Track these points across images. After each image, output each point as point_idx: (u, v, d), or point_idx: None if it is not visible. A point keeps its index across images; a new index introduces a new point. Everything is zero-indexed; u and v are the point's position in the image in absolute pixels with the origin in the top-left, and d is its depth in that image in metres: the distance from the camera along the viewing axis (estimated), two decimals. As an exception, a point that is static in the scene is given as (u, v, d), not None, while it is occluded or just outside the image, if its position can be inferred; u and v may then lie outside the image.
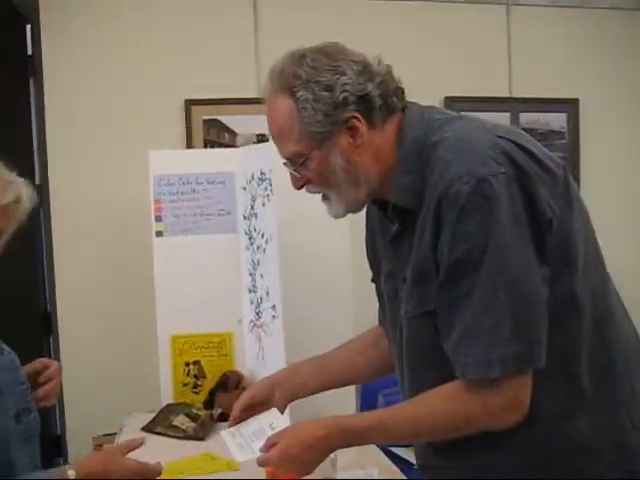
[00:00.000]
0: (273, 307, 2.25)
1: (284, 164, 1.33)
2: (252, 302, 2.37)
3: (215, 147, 2.99)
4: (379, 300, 1.48)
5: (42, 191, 3.05)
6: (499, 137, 1.18)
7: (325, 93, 1.21)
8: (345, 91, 1.21)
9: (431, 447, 1.34)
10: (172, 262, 2.40)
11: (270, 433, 1.36)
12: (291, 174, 1.32)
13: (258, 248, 2.33)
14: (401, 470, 1.96)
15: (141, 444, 1.34)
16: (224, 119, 3.03)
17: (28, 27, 3.10)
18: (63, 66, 2.98)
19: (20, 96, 3.09)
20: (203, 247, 2.42)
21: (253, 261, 2.35)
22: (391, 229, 1.32)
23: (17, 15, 3.05)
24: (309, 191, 1.33)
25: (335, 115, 1.22)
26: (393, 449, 2.62)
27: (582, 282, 1.21)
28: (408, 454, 2.68)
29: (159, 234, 2.41)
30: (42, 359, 1.41)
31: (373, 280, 1.49)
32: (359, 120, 1.23)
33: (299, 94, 1.22)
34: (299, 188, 1.33)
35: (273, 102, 1.27)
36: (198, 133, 2.99)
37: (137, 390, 2.62)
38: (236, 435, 1.45)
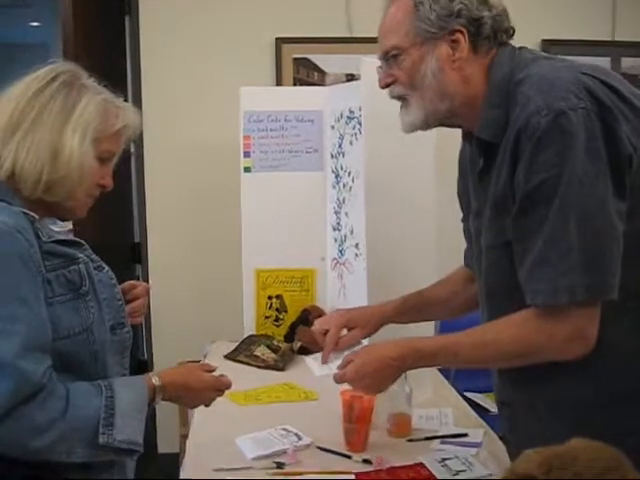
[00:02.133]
0: (356, 245, 2.26)
1: (379, 58, 1.37)
2: (336, 240, 2.39)
3: (304, 86, 2.99)
4: (467, 240, 1.52)
5: (135, 127, 3.15)
6: (583, 74, 1.18)
7: None
8: (464, 5, 1.27)
9: (509, 381, 1.36)
10: (259, 198, 2.44)
11: (347, 353, 1.43)
12: (381, 72, 1.36)
13: (344, 186, 2.33)
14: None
15: (215, 368, 1.46)
16: (314, 58, 3.02)
17: (125, -35, 3.16)
18: (157, 5, 3.02)
19: (116, 34, 3.16)
20: (290, 184, 2.45)
21: (339, 199, 2.36)
22: (479, 165, 1.34)
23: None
24: (392, 93, 1.36)
25: (446, 22, 1.27)
26: (469, 394, 2.63)
27: None
28: (485, 400, 2.69)
29: (247, 170, 2.44)
30: (131, 281, 1.48)
31: (463, 220, 1.52)
32: (464, 37, 1.27)
33: None
34: (385, 86, 1.36)
35: (393, 3, 1.33)
36: (288, 71, 3.00)
37: (221, 320, 2.70)
38: (318, 358, 1.54)
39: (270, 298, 2.47)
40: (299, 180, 2.45)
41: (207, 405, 1.44)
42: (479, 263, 1.38)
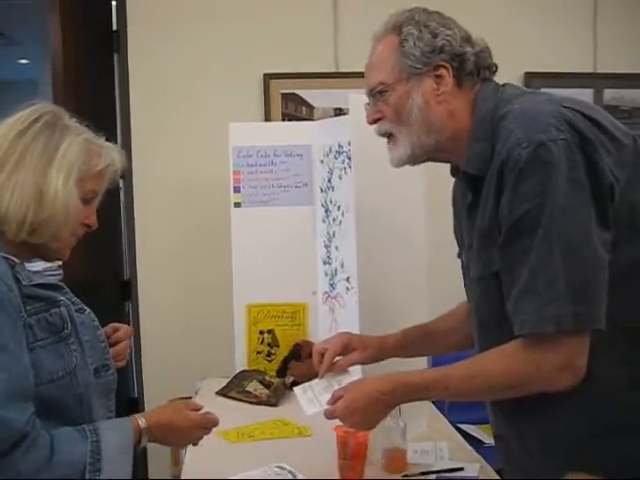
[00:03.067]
0: (347, 279, 2.27)
1: (367, 96, 1.41)
2: (327, 274, 2.39)
3: (293, 120, 3.01)
4: (464, 274, 1.52)
5: (124, 164, 3.16)
6: (564, 107, 1.21)
7: (429, 35, 1.32)
8: (447, 42, 1.32)
9: (502, 414, 1.37)
10: (249, 233, 2.44)
11: (336, 387, 1.44)
12: (368, 109, 1.41)
13: (334, 220, 2.34)
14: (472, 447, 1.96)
15: (202, 407, 1.45)
16: (302, 93, 3.05)
17: (114, 3, 3.19)
18: (147, 42, 3.05)
19: (105, 71, 3.19)
20: (280, 218, 2.45)
21: (329, 233, 2.37)
22: (468, 199, 1.37)
23: (103, -9, 3.14)
24: (379, 131, 1.40)
25: (430, 58, 1.32)
26: (463, 426, 2.61)
27: None
28: (479, 432, 2.67)
29: (237, 205, 2.45)
30: (113, 324, 1.48)
31: (459, 255, 1.53)
32: (448, 72, 1.32)
33: (406, 29, 1.33)
34: (372, 122, 1.40)
35: (379, 41, 1.39)
36: (276, 106, 3.02)
37: (212, 356, 2.69)
38: (307, 391, 1.53)
39: (262, 333, 2.46)
40: (289, 214, 2.46)
41: (195, 444, 1.43)
42: (472, 295, 1.40)
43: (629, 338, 1.20)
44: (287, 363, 2.37)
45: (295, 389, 1.58)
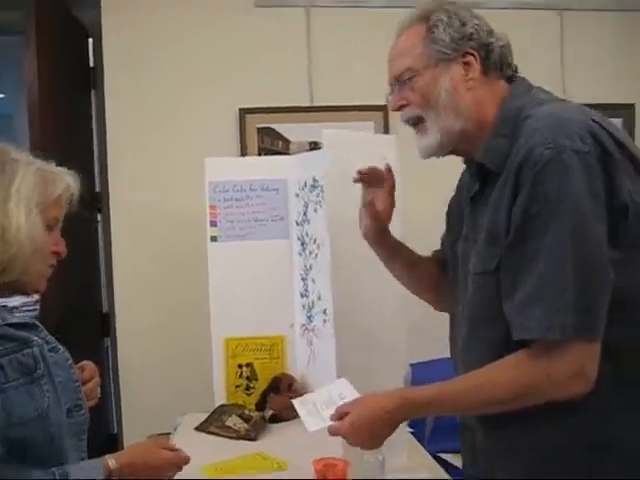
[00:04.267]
0: (324, 312, 2.28)
1: (391, 86, 1.41)
2: (304, 306, 2.41)
3: (269, 154, 3.05)
4: (444, 250, 1.58)
5: (102, 197, 3.18)
6: (593, 120, 1.21)
7: (458, 22, 1.34)
8: (475, 30, 1.34)
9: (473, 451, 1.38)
10: (226, 266, 2.45)
11: (340, 402, 1.39)
12: (392, 96, 1.40)
13: (310, 253, 2.36)
14: (451, 475, 1.97)
15: (174, 445, 1.45)
16: (278, 127, 3.09)
17: (90, 40, 3.23)
18: (123, 78, 3.07)
19: (81, 108, 3.21)
20: (256, 252, 2.47)
21: (305, 266, 2.39)
22: (473, 190, 1.38)
23: (80, 28, 3.17)
24: (405, 117, 1.40)
25: (459, 44, 1.33)
26: (444, 455, 2.62)
27: None
28: (458, 460, 2.68)
29: (214, 239, 2.47)
30: (80, 363, 1.46)
31: (446, 235, 1.57)
32: (475, 60, 1.34)
33: (435, 15, 1.35)
34: (397, 109, 1.40)
35: (404, 30, 1.40)
36: (252, 141, 3.06)
37: (191, 390, 2.68)
38: (307, 403, 1.47)
39: (240, 367, 2.46)
40: (266, 248, 2.48)
41: None
42: (463, 287, 1.38)
43: (614, 361, 1.19)
44: (266, 396, 2.37)
45: (294, 402, 1.52)
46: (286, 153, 3.06)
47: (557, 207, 1.15)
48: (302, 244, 2.42)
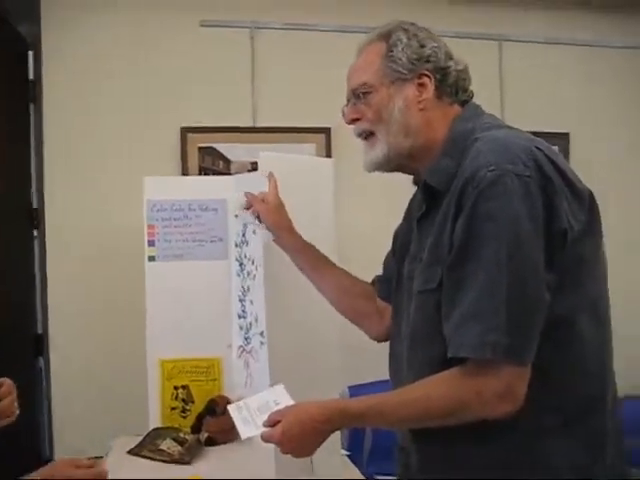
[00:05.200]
0: (261, 333, 2.27)
1: (347, 97, 1.45)
2: (242, 328, 2.39)
3: (210, 174, 3.04)
4: (384, 272, 1.63)
5: (38, 215, 3.10)
6: (537, 147, 1.25)
7: (417, 44, 1.39)
8: (433, 53, 1.39)
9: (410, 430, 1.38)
10: (163, 287, 2.42)
11: (274, 408, 1.38)
12: (347, 109, 1.45)
13: (248, 275, 2.35)
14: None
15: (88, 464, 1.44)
16: (219, 147, 3.08)
17: (30, 53, 3.17)
18: (63, 93, 3.03)
19: (20, 121, 3.14)
20: (195, 273, 2.45)
21: (243, 287, 2.38)
22: (421, 210, 1.41)
23: (19, 41, 3.11)
24: (357, 130, 1.44)
25: (416, 65, 1.38)
26: (380, 477, 2.63)
27: (583, 308, 1.25)
28: (394, 483, 2.69)
29: (151, 259, 2.44)
30: None
31: (390, 255, 1.61)
32: (430, 82, 1.38)
33: (395, 35, 1.39)
34: (350, 122, 1.45)
35: (365, 46, 1.44)
36: (193, 160, 3.05)
37: (125, 414, 2.64)
38: (242, 409, 1.44)
39: (176, 389, 2.43)
40: (204, 269, 2.46)
41: None
42: (407, 305, 1.40)
43: (545, 381, 1.22)
44: (202, 419, 2.34)
45: (229, 407, 1.48)
46: (227, 173, 3.06)
47: (497, 228, 1.17)
48: (240, 265, 2.40)
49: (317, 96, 3.20)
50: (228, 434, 2.32)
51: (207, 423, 2.32)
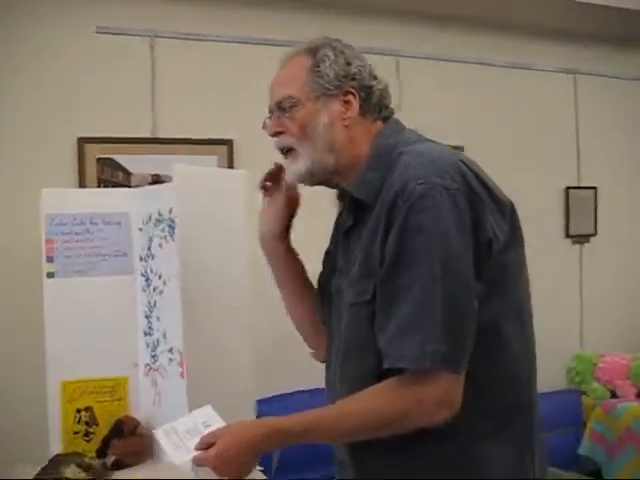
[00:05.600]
0: (170, 350, 2.21)
1: (270, 112, 1.43)
2: (148, 345, 2.32)
3: (109, 186, 2.92)
4: (320, 295, 1.57)
5: None
6: (461, 161, 1.29)
7: (343, 61, 1.39)
8: (358, 71, 1.40)
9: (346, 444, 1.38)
10: (64, 304, 2.30)
11: (204, 431, 1.32)
12: (270, 121, 1.43)
13: (155, 290, 2.29)
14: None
15: None
16: (119, 158, 2.97)
17: None
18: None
19: None
20: (97, 289, 2.34)
21: (150, 303, 2.31)
22: (346, 224, 1.41)
23: None
24: (280, 144, 1.42)
25: (342, 82, 1.38)
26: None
27: (508, 316, 1.29)
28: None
29: (50, 275, 2.31)
30: None
31: (321, 276, 1.58)
32: (355, 99, 1.39)
33: (322, 51, 1.40)
34: (273, 135, 1.43)
35: (290, 60, 1.43)
36: (91, 171, 2.92)
37: (24, 440, 2.48)
38: (170, 434, 1.36)
39: (79, 411, 2.31)
40: (107, 285, 2.36)
41: None
42: (337, 320, 1.40)
43: (478, 387, 1.24)
44: (108, 442, 2.24)
45: (156, 432, 1.40)
46: (127, 185, 2.96)
47: (428, 241, 1.20)
48: (146, 280, 2.33)
49: (219, 107, 3.16)
50: (137, 456, 2.24)
51: (114, 445, 2.22)
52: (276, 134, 1.42)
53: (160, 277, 2.26)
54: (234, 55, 3.19)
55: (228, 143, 3.13)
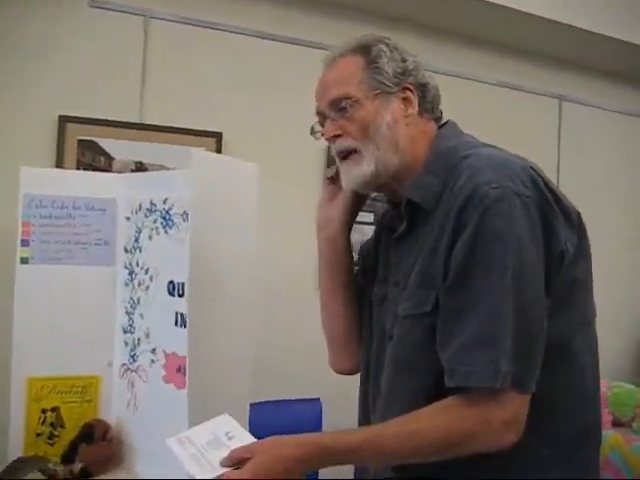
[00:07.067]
0: (153, 351, 2.04)
1: (320, 115, 1.34)
2: (127, 344, 2.14)
3: (89, 170, 2.72)
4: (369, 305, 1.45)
5: None
6: (531, 167, 1.21)
7: (399, 57, 1.32)
8: (414, 67, 1.33)
9: None
10: (37, 293, 2.10)
11: (228, 443, 1.17)
12: (327, 124, 1.32)
13: (140, 285, 2.11)
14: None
15: None
16: (101, 142, 2.78)
17: None
18: None
19: None
20: (74, 279, 2.15)
21: (132, 299, 2.13)
22: (399, 230, 1.31)
23: None
24: (340, 147, 1.31)
25: (400, 79, 1.31)
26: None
27: (578, 330, 1.22)
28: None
29: (24, 261, 2.11)
30: None
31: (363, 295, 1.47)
32: (414, 95, 1.32)
33: (376, 47, 1.31)
34: (330, 138, 1.32)
35: (339, 59, 1.33)
36: (71, 154, 2.71)
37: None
38: (186, 444, 1.19)
39: (44, 411, 2.11)
40: (85, 275, 2.17)
41: None
42: (378, 332, 1.32)
43: (538, 411, 1.16)
44: (76, 446, 2.05)
45: (170, 442, 1.21)
46: (108, 171, 2.77)
47: (504, 248, 1.11)
48: (130, 273, 2.15)
49: (210, 98, 3.00)
50: (106, 464, 2.05)
51: (82, 451, 2.03)
52: (334, 137, 1.31)
53: (147, 272, 2.09)
54: (229, 45, 3.04)
55: (217, 136, 2.97)
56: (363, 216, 3.33)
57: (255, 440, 1.17)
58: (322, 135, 1.36)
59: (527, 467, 1.17)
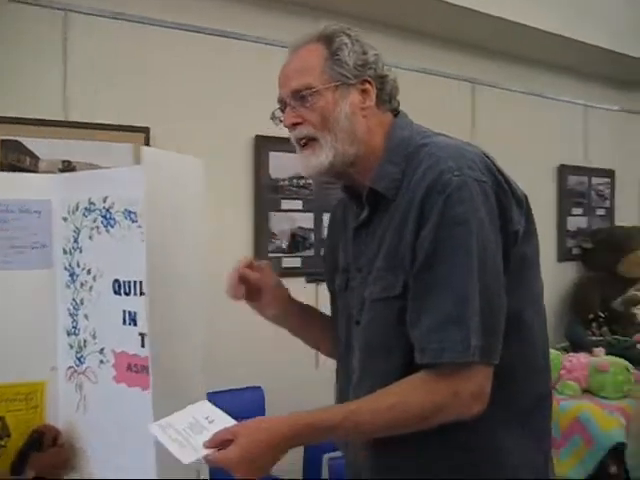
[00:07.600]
0: (101, 351, 2.02)
1: (281, 102, 1.36)
2: (72, 346, 2.10)
3: (15, 172, 2.64)
4: (335, 295, 1.53)
5: None
6: (484, 154, 1.29)
7: (360, 49, 1.36)
8: (374, 60, 1.37)
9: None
10: (-27, 301, 2.04)
11: (209, 427, 1.20)
12: (287, 112, 1.35)
13: (82, 285, 2.08)
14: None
15: None
16: (26, 141, 2.70)
17: None
18: None
19: None
20: (11, 284, 2.09)
21: (75, 300, 2.09)
22: (358, 219, 1.36)
23: None
24: (298, 135, 1.35)
25: (360, 71, 1.35)
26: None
27: (529, 304, 1.31)
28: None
29: (-43, 268, 2.04)
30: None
31: (328, 284, 1.54)
32: (372, 88, 1.36)
33: (339, 39, 1.34)
34: (290, 126, 1.35)
35: (302, 48, 1.35)
36: (-6, 155, 2.63)
37: None
38: (168, 429, 1.22)
39: (-12, 422, 2.05)
40: (23, 280, 2.11)
41: None
42: (345, 319, 1.37)
43: (496, 378, 1.24)
44: (25, 455, 2.00)
45: (151, 427, 1.25)
46: (34, 171, 2.69)
47: (467, 232, 1.18)
48: (71, 275, 2.11)
49: (136, 93, 2.96)
50: (60, 469, 2.02)
51: (33, 460, 1.98)
52: (294, 125, 1.35)
53: (89, 272, 2.06)
54: (157, 39, 3.00)
55: (145, 131, 2.93)
56: (291, 204, 3.42)
57: (236, 422, 1.21)
58: (281, 122, 1.40)
59: (482, 427, 1.24)
